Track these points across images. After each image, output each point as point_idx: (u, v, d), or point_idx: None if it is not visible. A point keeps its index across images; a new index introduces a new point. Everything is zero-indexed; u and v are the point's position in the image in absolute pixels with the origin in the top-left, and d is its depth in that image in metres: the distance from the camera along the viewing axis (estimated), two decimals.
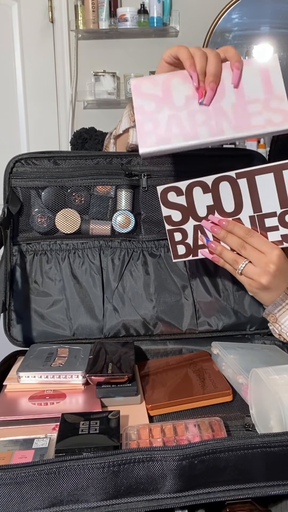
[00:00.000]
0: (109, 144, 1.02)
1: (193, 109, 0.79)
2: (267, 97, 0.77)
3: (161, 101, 0.79)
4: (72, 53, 2.53)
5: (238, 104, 0.78)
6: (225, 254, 0.83)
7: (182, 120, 0.79)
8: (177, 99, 0.79)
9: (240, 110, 0.78)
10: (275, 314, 0.83)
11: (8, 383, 0.84)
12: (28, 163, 0.95)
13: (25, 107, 2.50)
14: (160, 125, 0.79)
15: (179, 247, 0.89)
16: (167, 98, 0.79)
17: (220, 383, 0.85)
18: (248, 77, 0.78)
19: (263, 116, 0.77)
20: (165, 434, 0.71)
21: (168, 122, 0.79)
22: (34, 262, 0.98)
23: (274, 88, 0.77)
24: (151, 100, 0.80)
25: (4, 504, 0.56)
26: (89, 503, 0.58)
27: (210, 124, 0.78)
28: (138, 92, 0.80)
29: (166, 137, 0.79)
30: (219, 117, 0.78)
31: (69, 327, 0.98)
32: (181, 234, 0.88)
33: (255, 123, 0.77)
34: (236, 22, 2.48)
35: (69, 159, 0.95)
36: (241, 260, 0.81)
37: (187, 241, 0.88)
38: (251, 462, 0.61)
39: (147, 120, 0.79)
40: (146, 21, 2.38)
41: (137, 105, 0.80)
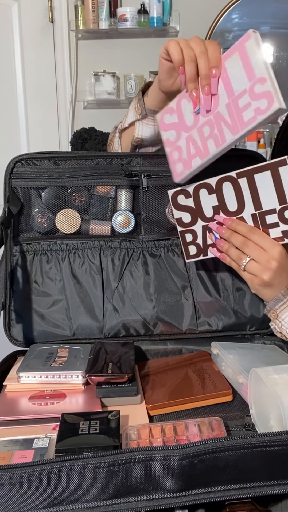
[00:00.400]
0: (114, 138, 1.02)
1: (200, 124, 0.81)
2: (251, 84, 0.73)
3: (178, 128, 0.84)
4: (72, 53, 2.52)
5: (231, 103, 0.77)
6: (231, 252, 0.84)
7: (195, 139, 0.82)
8: (188, 119, 0.82)
9: (233, 109, 0.77)
10: (276, 310, 0.83)
11: (8, 383, 0.84)
12: (28, 164, 0.95)
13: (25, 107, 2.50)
14: (182, 151, 0.84)
15: (190, 248, 0.92)
16: (182, 122, 0.83)
17: (220, 383, 0.85)
18: (232, 69, 0.75)
19: (252, 107, 0.74)
20: (165, 434, 0.71)
21: (187, 145, 0.83)
22: (34, 262, 0.98)
23: (255, 70, 0.73)
24: (172, 130, 0.85)
25: (4, 504, 0.57)
26: (89, 503, 0.58)
27: (214, 134, 0.79)
28: (163, 125, 0.86)
29: (187, 161, 0.84)
30: (219, 124, 0.78)
31: (69, 327, 0.98)
32: (191, 235, 0.91)
33: (247, 117, 0.75)
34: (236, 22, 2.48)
35: (70, 160, 0.95)
36: (244, 257, 0.82)
37: (197, 242, 0.91)
38: (251, 462, 0.61)
39: (173, 150, 0.85)
40: (146, 21, 2.38)
41: (165, 139, 0.86)
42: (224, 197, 0.85)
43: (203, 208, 0.88)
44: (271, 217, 0.81)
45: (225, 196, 0.85)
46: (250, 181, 0.82)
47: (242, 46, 0.73)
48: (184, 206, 0.90)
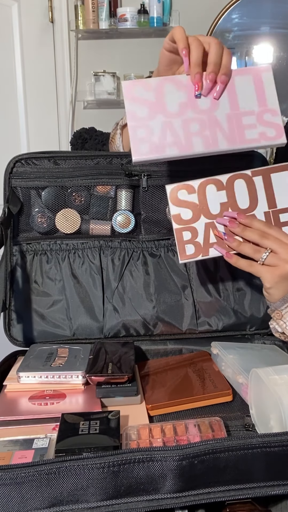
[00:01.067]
0: (116, 134, 1.01)
1: (187, 117, 0.78)
2: (261, 110, 0.78)
3: (154, 107, 0.78)
4: (72, 53, 2.52)
5: (233, 115, 0.78)
6: (243, 247, 0.82)
7: (175, 129, 0.78)
8: (170, 105, 0.78)
9: (234, 122, 0.78)
10: (281, 311, 0.82)
11: (8, 383, 0.84)
12: (28, 163, 0.95)
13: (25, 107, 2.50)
14: (153, 132, 0.78)
15: (188, 247, 0.86)
16: (160, 104, 0.79)
17: (220, 383, 0.85)
18: (242, 86, 0.78)
19: (257, 129, 0.78)
20: (165, 434, 0.71)
21: (162, 130, 0.78)
22: (34, 262, 0.98)
23: (268, 100, 0.78)
24: (143, 105, 0.79)
25: (4, 504, 0.56)
26: (89, 503, 0.58)
27: (204, 135, 0.78)
28: (130, 96, 0.79)
29: (160, 145, 0.78)
30: (213, 128, 0.78)
31: (69, 327, 0.98)
32: (190, 232, 0.86)
33: (249, 136, 0.78)
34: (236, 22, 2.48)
35: (69, 159, 0.95)
36: (263, 249, 0.80)
37: (197, 240, 0.86)
38: (251, 462, 0.60)
39: (139, 127, 0.78)
40: (146, 21, 2.38)
41: (129, 110, 0.79)
42: (235, 194, 0.84)
43: (208, 204, 0.85)
44: (285, 215, 0.83)
45: (236, 193, 0.84)
46: (266, 179, 0.84)
47: (258, 73, 0.79)
48: (185, 202, 0.86)
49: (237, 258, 0.82)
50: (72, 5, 2.43)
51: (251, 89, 0.79)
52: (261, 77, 0.79)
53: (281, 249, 0.80)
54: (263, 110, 0.78)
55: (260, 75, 0.79)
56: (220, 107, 0.78)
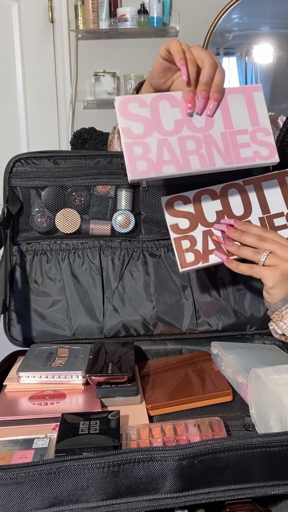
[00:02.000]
0: (114, 139, 1.02)
1: (183, 135, 0.78)
2: (254, 129, 0.79)
3: (150, 124, 0.77)
4: (72, 53, 2.52)
5: (227, 134, 0.78)
6: (243, 250, 0.83)
7: (172, 146, 0.77)
8: (166, 123, 0.78)
9: (229, 140, 0.79)
10: (281, 312, 0.82)
11: (8, 383, 0.84)
12: (28, 163, 0.95)
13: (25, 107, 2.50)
14: (150, 150, 0.77)
15: (187, 255, 0.87)
16: (156, 122, 0.77)
17: (220, 383, 0.85)
18: (234, 105, 0.79)
19: (251, 148, 0.79)
20: (165, 434, 0.71)
21: (159, 147, 0.77)
22: (34, 262, 0.98)
23: (260, 120, 0.80)
24: (138, 122, 0.77)
25: (4, 504, 0.56)
26: (89, 503, 0.58)
27: (200, 153, 0.78)
28: (124, 112, 0.77)
29: (157, 164, 0.76)
30: (209, 146, 0.78)
31: (69, 327, 0.98)
32: (189, 241, 0.86)
33: (244, 155, 0.79)
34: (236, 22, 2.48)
35: (69, 159, 0.95)
36: (262, 251, 0.82)
37: (196, 248, 0.86)
38: (251, 462, 0.60)
39: (135, 144, 0.76)
40: (146, 21, 2.38)
41: (124, 127, 0.77)
42: (229, 203, 0.87)
43: (204, 213, 0.87)
44: (279, 219, 0.86)
45: (230, 202, 0.87)
46: (257, 188, 0.87)
47: (249, 92, 0.80)
48: (181, 212, 0.87)
49: (237, 263, 0.84)
50: (72, 5, 2.43)
51: (243, 108, 0.79)
52: (252, 96, 0.80)
53: (279, 250, 0.81)
54: (255, 129, 0.79)
55: (251, 94, 0.80)
56: (214, 125, 0.78)
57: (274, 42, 2.49)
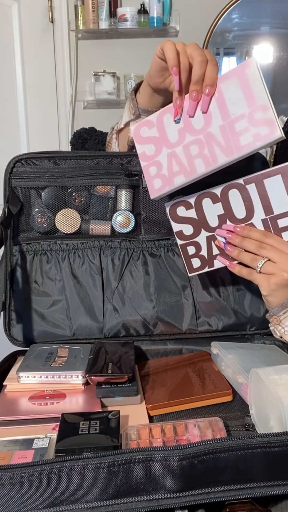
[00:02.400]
0: (112, 140, 1.02)
1: (187, 142, 0.79)
2: (251, 110, 0.75)
3: (158, 142, 0.82)
4: (72, 53, 2.52)
5: (225, 125, 0.77)
6: (242, 256, 0.83)
7: (179, 157, 0.81)
8: (171, 135, 0.81)
9: (228, 132, 0.77)
10: (279, 316, 0.82)
11: (8, 383, 0.84)
12: (28, 163, 0.95)
13: (25, 107, 2.50)
14: (162, 167, 0.82)
15: (194, 261, 0.89)
16: (163, 137, 0.81)
17: (220, 383, 0.85)
18: (229, 92, 0.76)
19: (251, 132, 0.75)
20: (165, 434, 0.71)
21: (168, 162, 0.82)
22: (34, 262, 0.98)
23: (257, 97, 0.74)
24: (150, 143, 0.83)
25: (4, 504, 0.56)
26: (89, 503, 0.58)
27: (203, 154, 0.78)
28: (139, 138, 0.84)
29: (169, 178, 0.82)
30: (210, 144, 0.78)
31: (69, 327, 0.98)
32: (194, 247, 0.88)
33: (244, 142, 0.76)
34: (236, 22, 2.48)
35: (69, 159, 0.95)
36: (259, 258, 0.81)
37: (201, 253, 0.88)
38: (251, 462, 0.60)
39: (150, 165, 0.83)
40: (146, 21, 2.38)
41: (140, 152, 0.84)
42: (230, 205, 0.84)
43: (207, 218, 0.86)
44: (283, 220, 0.81)
45: (231, 204, 0.84)
46: (259, 186, 0.81)
47: (242, 72, 0.74)
48: (184, 218, 0.88)
49: (240, 267, 0.84)
50: (72, 5, 2.43)
51: (238, 91, 0.75)
52: (246, 74, 0.74)
53: (278, 258, 0.80)
54: (253, 109, 0.74)
55: (245, 73, 0.74)
56: (213, 121, 0.77)
57: (274, 42, 2.49)
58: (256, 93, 0.74)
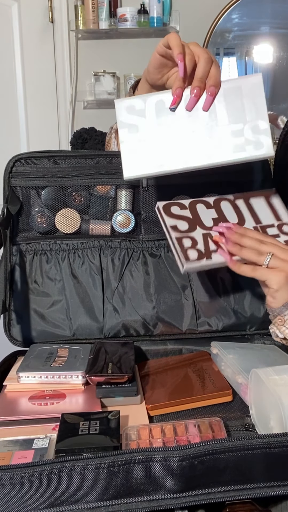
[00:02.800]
0: (111, 139, 1.02)
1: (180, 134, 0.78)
2: (249, 122, 0.77)
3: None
4: (72, 53, 2.52)
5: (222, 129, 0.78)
6: (245, 251, 0.81)
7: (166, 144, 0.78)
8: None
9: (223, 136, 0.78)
10: (284, 317, 0.82)
11: (8, 383, 0.84)
12: (28, 163, 0.94)
13: (25, 107, 2.50)
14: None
15: (190, 252, 0.85)
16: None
17: (220, 383, 0.85)
18: (231, 98, 0.78)
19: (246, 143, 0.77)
20: (165, 434, 0.70)
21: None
22: (34, 262, 0.98)
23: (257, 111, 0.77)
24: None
25: (4, 504, 0.56)
26: (89, 504, 0.58)
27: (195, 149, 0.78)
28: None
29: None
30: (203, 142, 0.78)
31: (69, 327, 0.98)
32: (190, 240, 0.86)
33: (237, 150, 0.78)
34: (236, 22, 2.48)
35: (69, 159, 0.95)
36: (265, 252, 0.80)
37: (198, 247, 0.86)
38: (251, 463, 0.60)
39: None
40: (146, 21, 2.38)
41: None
42: (223, 212, 0.88)
43: (201, 219, 0.87)
44: (271, 229, 0.88)
45: (224, 212, 0.88)
46: (246, 202, 0.89)
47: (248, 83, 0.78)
48: (179, 216, 0.88)
49: (239, 265, 0.82)
50: (72, 5, 2.44)
51: (240, 100, 0.77)
52: (251, 87, 0.77)
53: (280, 252, 0.80)
54: (251, 122, 0.77)
55: (249, 85, 0.78)
56: (208, 121, 0.78)
57: (274, 42, 2.49)
58: (257, 107, 0.77)
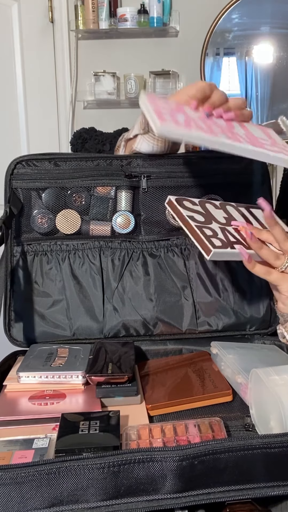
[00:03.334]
0: (120, 147, 1.02)
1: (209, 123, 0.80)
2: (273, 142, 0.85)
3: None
4: (72, 53, 2.53)
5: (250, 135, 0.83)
6: (264, 251, 0.79)
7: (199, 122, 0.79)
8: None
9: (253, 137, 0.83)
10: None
11: (8, 383, 0.84)
12: (29, 165, 0.95)
13: (25, 107, 2.50)
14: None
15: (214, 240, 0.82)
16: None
17: (220, 383, 0.85)
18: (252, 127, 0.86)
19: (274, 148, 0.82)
20: (165, 434, 0.71)
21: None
22: (35, 262, 0.98)
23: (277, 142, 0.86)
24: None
25: (4, 504, 0.57)
26: (89, 503, 0.58)
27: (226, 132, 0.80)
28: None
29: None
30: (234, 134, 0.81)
31: (69, 327, 0.98)
32: (210, 230, 0.83)
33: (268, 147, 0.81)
34: (236, 22, 2.48)
35: (70, 161, 0.96)
36: (283, 257, 0.79)
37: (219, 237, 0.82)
38: (251, 463, 0.61)
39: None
40: (146, 21, 2.38)
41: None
42: (231, 214, 0.88)
43: (214, 215, 0.86)
44: None
45: (231, 213, 0.88)
46: (248, 210, 0.90)
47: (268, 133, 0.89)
48: (193, 209, 0.86)
49: (254, 264, 0.80)
50: (72, 5, 2.44)
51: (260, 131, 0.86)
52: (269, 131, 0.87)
53: None
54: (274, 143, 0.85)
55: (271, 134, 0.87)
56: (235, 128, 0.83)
57: (274, 42, 2.49)
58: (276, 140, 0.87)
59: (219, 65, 2.54)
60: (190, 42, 2.45)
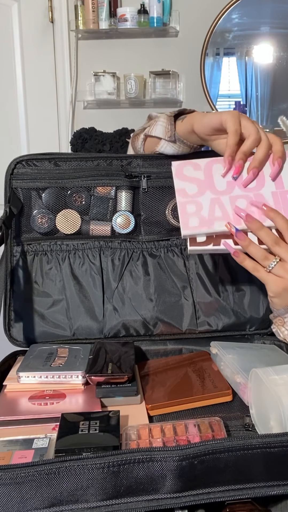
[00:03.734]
0: (139, 139, 0.99)
1: (235, 195, 0.81)
2: None
3: (203, 185, 0.83)
4: (72, 53, 2.52)
5: (278, 193, 0.81)
6: (252, 249, 0.78)
7: (224, 205, 0.81)
8: (219, 183, 0.83)
9: (280, 199, 0.81)
10: (284, 318, 0.82)
11: (8, 383, 0.84)
12: (29, 165, 0.95)
13: (25, 107, 2.50)
14: (202, 208, 0.82)
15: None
16: (210, 183, 0.83)
17: (220, 383, 0.85)
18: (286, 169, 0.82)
19: None
20: (164, 434, 0.71)
21: (211, 206, 0.82)
22: (35, 262, 0.99)
23: None
24: (193, 183, 0.83)
25: (4, 504, 0.57)
26: (89, 503, 0.58)
27: (251, 211, 0.80)
28: (180, 175, 0.84)
29: (208, 220, 0.81)
30: (260, 204, 0.80)
31: (69, 327, 0.98)
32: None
33: None
34: (236, 22, 2.48)
35: (70, 161, 0.96)
36: (272, 257, 0.78)
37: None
38: (251, 463, 0.61)
39: (189, 203, 0.82)
40: (146, 21, 2.38)
41: (179, 188, 0.83)
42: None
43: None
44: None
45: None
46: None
47: None
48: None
49: (244, 257, 0.79)
50: (72, 5, 2.43)
51: None
52: None
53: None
54: None
55: None
56: (265, 185, 0.81)
57: (274, 42, 2.49)
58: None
59: (219, 65, 2.54)
60: (190, 42, 2.45)
